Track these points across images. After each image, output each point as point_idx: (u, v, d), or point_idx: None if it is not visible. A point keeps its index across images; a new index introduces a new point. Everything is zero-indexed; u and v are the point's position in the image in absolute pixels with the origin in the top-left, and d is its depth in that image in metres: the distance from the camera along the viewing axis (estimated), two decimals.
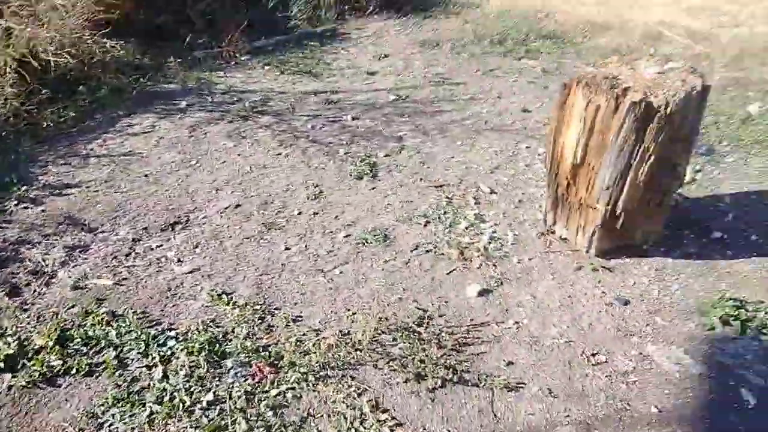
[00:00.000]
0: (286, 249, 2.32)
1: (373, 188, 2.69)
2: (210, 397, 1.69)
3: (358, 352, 1.83)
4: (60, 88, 3.29)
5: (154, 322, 1.96)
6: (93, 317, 1.95)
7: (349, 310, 2.02)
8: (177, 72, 3.76)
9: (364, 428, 1.60)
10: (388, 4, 4.97)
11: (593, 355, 1.84)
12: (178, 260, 2.26)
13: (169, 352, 1.83)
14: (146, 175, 2.78)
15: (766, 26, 4.38)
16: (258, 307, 2.02)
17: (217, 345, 1.86)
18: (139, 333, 1.88)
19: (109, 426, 1.62)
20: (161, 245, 2.34)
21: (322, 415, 1.64)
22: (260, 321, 1.97)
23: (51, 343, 1.83)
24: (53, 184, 2.69)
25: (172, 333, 1.91)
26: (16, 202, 2.54)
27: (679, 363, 1.80)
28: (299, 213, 2.53)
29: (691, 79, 1.99)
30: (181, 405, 1.66)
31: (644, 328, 1.93)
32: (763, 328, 1.90)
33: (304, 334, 1.91)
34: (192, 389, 1.72)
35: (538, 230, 2.40)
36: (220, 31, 4.22)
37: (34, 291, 2.09)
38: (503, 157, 2.92)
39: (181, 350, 1.83)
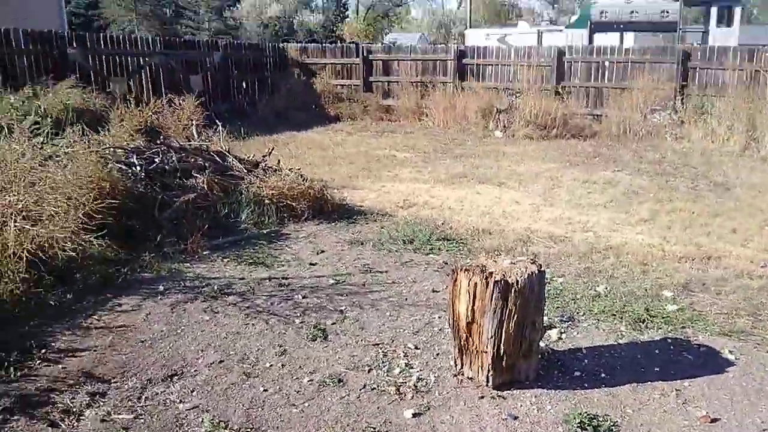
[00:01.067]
0: (264, 390, 3.03)
1: (326, 346, 3.51)
2: None
3: None
4: (62, 276, 3.98)
5: None
6: None
7: (318, 430, 2.72)
8: (152, 264, 4.56)
9: None
10: (319, 214, 6.15)
11: None
12: (180, 401, 2.90)
13: None
14: (142, 341, 3.45)
15: (607, 231, 5.91)
16: (249, 429, 2.68)
17: None
18: None
19: None
20: (165, 390, 2.97)
21: None
22: None
23: None
24: (66, 349, 3.29)
25: None
26: (38, 362, 3.11)
27: None
28: (270, 366, 3.27)
29: (531, 267, 3.10)
30: None
31: None
32: (607, 430, 2.80)
33: None
34: None
35: (451, 373, 3.27)
36: (183, 233, 5.13)
37: (69, 424, 2.64)
38: (422, 324, 3.86)
39: None
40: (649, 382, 3.19)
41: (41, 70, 9.80)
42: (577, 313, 4.07)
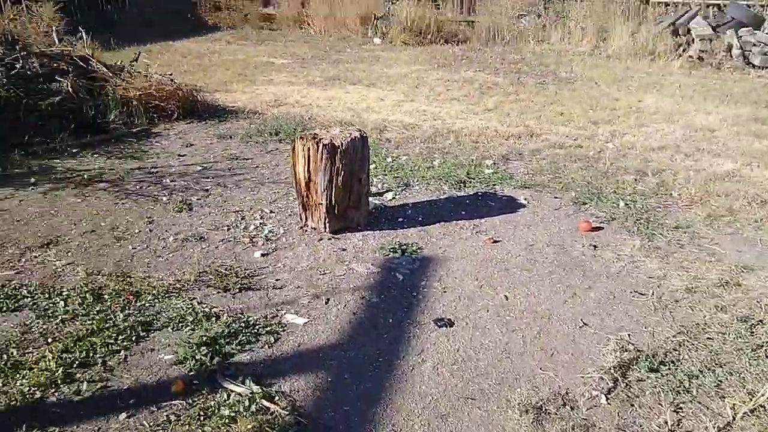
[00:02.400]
0: (133, 248, 3.54)
1: (190, 215, 4.04)
2: None
3: (187, 284, 3.12)
4: None
5: None
6: (5, 290, 2.98)
7: (180, 270, 3.30)
8: (20, 162, 4.79)
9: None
10: (191, 114, 6.46)
11: (323, 271, 3.34)
12: (57, 260, 3.35)
13: (60, 299, 2.94)
14: (18, 221, 3.82)
15: (453, 119, 6.68)
16: (119, 275, 3.20)
17: None
18: None
19: None
20: (42, 255, 3.41)
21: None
22: (122, 280, 3.16)
23: None
24: None
25: None
26: None
27: (368, 269, 3.38)
28: (139, 231, 3.77)
29: (356, 133, 3.74)
30: None
31: (352, 259, 3.50)
32: (412, 253, 3.58)
33: (151, 284, 3.14)
34: None
35: (298, 226, 3.92)
36: (51, 133, 5.33)
37: None
38: (279, 195, 4.45)
39: (72, 296, 2.96)
40: (455, 221, 4.02)
41: None
42: (413, 180, 4.81)
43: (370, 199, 4.17)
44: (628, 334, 2.82)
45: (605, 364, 2.60)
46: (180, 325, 2.77)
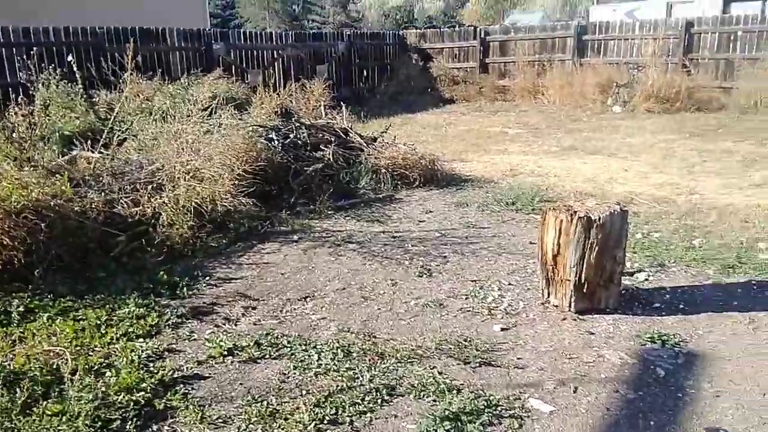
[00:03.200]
0: (378, 309, 3.69)
1: (430, 281, 4.11)
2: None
3: (427, 351, 3.13)
4: (218, 225, 4.93)
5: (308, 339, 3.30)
6: (269, 338, 3.30)
7: (421, 336, 3.33)
8: (286, 220, 5.41)
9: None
10: (430, 182, 6.76)
11: (569, 355, 3.09)
12: (313, 314, 3.64)
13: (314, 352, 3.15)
14: (282, 273, 4.26)
15: (714, 194, 5.96)
16: (366, 334, 3.35)
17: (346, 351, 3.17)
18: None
19: None
20: (300, 307, 3.74)
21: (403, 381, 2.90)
22: (368, 339, 3.29)
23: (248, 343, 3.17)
24: (223, 277, 4.18)
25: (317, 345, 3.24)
26: (203, 285, 4.02)
27: (621, 358, 3.04)
28: (383, 293, 3.94)
29: (614, 207, 3.47)
30: None
31: (602, 344, 3.19)
32: (674, 345, 3.14)
33: (394, 347, 3.22)
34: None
35: (539, 302, 3.74)
36: (312, 196, 5.96)
37: (229, 327, 3.47)
38: (517, 267, 4.33)
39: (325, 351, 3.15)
40: (725, 313, 3.46)
41: (191, 64, 11.32)
42: (669, 260, 4.32)
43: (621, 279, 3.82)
44: None
45: None
46: (422, 393, 2.75)
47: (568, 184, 6.55)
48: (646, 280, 4.02)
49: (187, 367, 3.03)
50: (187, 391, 2.82)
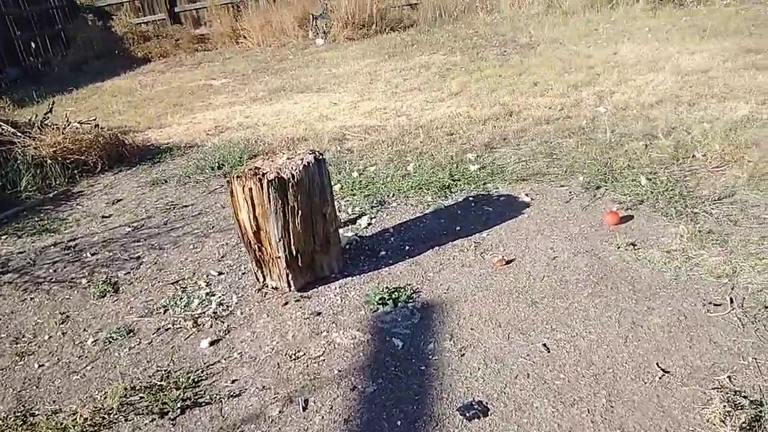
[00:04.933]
0: (40, 366, 2.64)
1: (116, 300, 3.14)
2: None
3: (109, 416, 2.24)
4: None
5: None
6: None
7: (101, 392, 2.42)
8: None
9: None
10: (118, 162, 5.53)
11: (295, 354, 2.48)
12: None
13: None
14: None
15: (419, 111, 5.85)
16: (18, 414, 2.31)
17: None
18: None
19: None
20: None
21: None
22: (22, 422, 2.27)
23: None
24: None
25: None
26: None
27: (353, 338, 2.53)
28: (49, 337, 2.87)
29: (308, 158, 2.87)
30: None
31: (330, 326, 2.65)
32: (407, 301, 2.73)
33: (59, 424, 2.26)
34: None
35: (255, 288, 3.05)
36: None
37: None
38: (229, 248, 3.58)
39: None
40: (450, 242, 3.19)
41: None
42: (388, 195, 3.97)
43: (341, 232, 3.32)
44: (728, 377, 2.02)
45: None
46: None
47: (279, 131, 5.91)
48: (369, 225, 3.60)
49: None
50: None
